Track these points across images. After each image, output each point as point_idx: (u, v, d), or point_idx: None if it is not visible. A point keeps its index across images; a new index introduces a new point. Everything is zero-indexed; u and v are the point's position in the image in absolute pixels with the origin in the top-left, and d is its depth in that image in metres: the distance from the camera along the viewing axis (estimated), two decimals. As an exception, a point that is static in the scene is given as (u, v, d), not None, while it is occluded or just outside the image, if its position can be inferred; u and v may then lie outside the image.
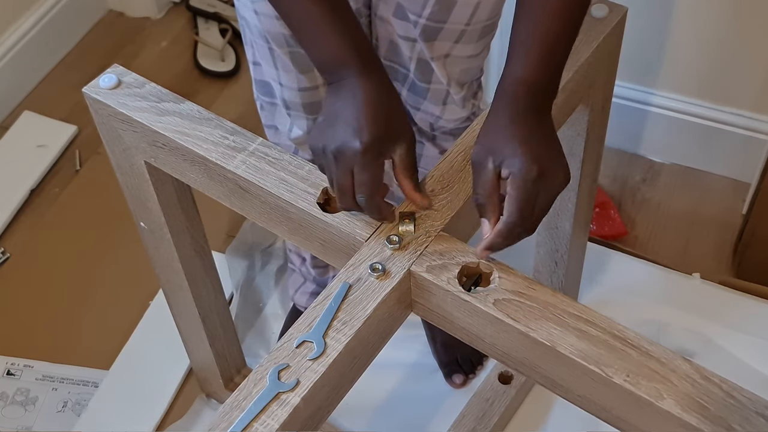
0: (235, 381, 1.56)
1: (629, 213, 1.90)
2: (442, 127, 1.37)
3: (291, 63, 1.23)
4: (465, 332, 0.91)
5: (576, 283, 1.60)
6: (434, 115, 1.32)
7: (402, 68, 1.27)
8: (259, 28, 1.21)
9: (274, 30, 1.19)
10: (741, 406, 0.78)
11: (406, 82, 1.29)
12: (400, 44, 1.23)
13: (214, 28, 2.28)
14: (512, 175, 0.85)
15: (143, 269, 1.58)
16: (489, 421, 1.50)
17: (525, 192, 0.85)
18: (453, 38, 1.20)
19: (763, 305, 1.68)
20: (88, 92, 1.08)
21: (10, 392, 1.66)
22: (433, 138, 1.39)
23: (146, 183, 1.15)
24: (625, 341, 0.83)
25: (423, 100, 1.30)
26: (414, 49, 1.22)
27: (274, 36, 1.20)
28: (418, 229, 0.92)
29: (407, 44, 1.22)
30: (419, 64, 1.24)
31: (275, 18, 1.17)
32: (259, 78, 1.32)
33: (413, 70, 1.26)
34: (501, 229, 0.87)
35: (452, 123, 1.36)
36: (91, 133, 2.06)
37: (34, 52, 2.19)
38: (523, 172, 0.84)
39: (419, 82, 1.27)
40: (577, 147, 1.25)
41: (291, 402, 0.81)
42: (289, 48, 1.21)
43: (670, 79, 1.87)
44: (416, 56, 1.23)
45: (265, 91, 1.33)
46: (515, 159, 0.85)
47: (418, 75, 1.26)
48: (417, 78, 1.27)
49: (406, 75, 1.28)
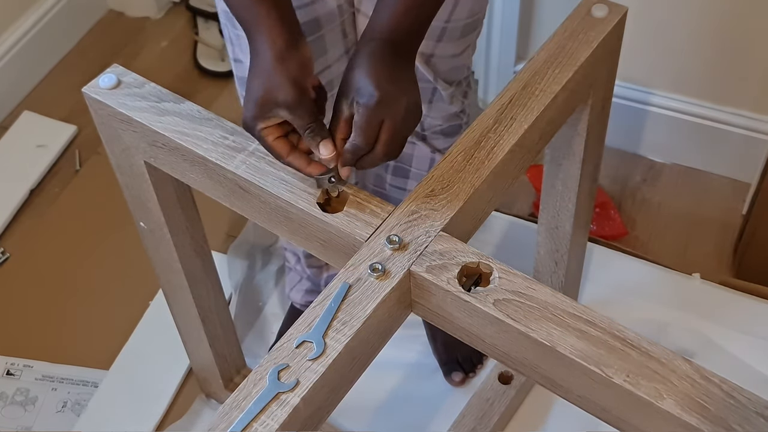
0: (234, 381, 1.56)
1: (629, 213, 1.90)
2: (432, 126, 1.37)
3: None
4: (465, 332, 0.91)
5: (576, 283, 1.59)
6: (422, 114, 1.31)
7: None
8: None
9: None
10: (741, 406, 0.78)
11: None
12: None
13: (214, 28, 2.28)
14: (358, 104, 0.90)
15: (143, 269, 1.58)
16: (489, 421, 1.50)
17: (367, 116, 0.90)
18: (434, 37, 1.21)
19: (763, 305, 1.68)
20: (87, 92, 1.08)
21: (10, 392, 1.66)
22: (424, 138, 1.39)
23: (146, 183, 1.15)
24: (625, 341, 0.82)
25: None
26: None
27: None
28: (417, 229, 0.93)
29: None
30: None
31: None
32: (241, 75, 1.32)
33: None
34: (347, 147, 0.92)
35: (441, 121, 1.35)
36: (91, 133, 2.06)
37: (34, 52, 2.19)
38: (366, 98, 0.90)
39: None
40: (577, 147, 1.25)
41: (291, 402, 0.81)
42: None
43: (670, 79, 1.87)
44: None
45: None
46: (364, 90, 0.90)
47: None
48: None
49: None
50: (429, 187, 0.96)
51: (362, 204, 0.96)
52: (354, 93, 0.91)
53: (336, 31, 1.23)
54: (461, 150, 1.00)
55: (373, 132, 0.91)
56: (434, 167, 0.99)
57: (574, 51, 1.09)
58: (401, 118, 0.92)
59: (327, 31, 1.22)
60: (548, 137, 1.12)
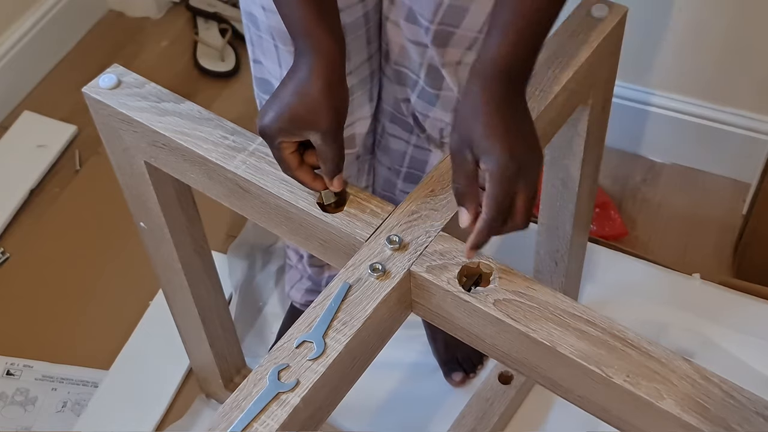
0: (234, 381, 1.56)
1: (629, 213, 1.90)
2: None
3: None
4: (465, 332, 0.91)
5: (576, 283, 1.59)
6: (444, 121, 1.31)
7: (412, 74, 1.26)
8: (266, 24, 1.21)
9: (281, 27, 1.19)
10: (741, 406, 0.78)
11: (415, 89, 1.28)
12: (410, 49, 1.22)
13: (214, 28, 2.28)
14: (490, 172, 0.85)
15: (143, 269, 1.58)
16: (489, 421, 1.50)
17: (503, 189, 0.85)
18: (465, 45, 1.19)
19: (763, 305, 1.68)
20: (88, 92, 1.08)
21: (10, 392, 1.66)
22: (442, 145, 1.38)
23: (146, 183, 1.15)
24: (625, 341, 0.83)
25: (432, 107, 1.29)
26: (425, 55, 1.21)
27: (280, 33, 1.20)
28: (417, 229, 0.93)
29: (418, 49, 1.21)
30: (430, 71, 1.23)
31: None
32: (259, 76, 1.32)
33: (423, 77, 1.25)
34: (481, 227, 0.87)
35: None
36: (91, 133, 2.06)
37: (34, 52, 2.19)
38: (501, 169, 0.84)
39: (429, 88, 1.26)
40: (577, 147, 1.25)
41: (291, 402, 0.81)
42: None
43: (670, 79, 1.87)
44: (426, 62, 1.22)
45: (266, 89, 1.33)
46: (493, 156, 0.84)
47: (428, 81, 1.25)
48: (427, 84, 1.25)
49: (416, 81, 1.27)
50: (429, 187, 0.96)
51: (362, 204, 0.96)
52: (478, 149, 0.85)
53: (361, 38, 1.23)
54: (461, 150, 1.00)
55: (509, 204, 0.86)
56: (434, 167, 0.99)
57: (574, 51, 1.09)
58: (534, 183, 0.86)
59: (352, 38, 1.21)
60: (548, 137, 1.12)
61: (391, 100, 1.34)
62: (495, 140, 0.84)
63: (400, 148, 1.40)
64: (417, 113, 1.32)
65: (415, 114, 1.32)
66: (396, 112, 1.35)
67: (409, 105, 1.32)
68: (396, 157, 1.42)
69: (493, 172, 0.84)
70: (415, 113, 1.32)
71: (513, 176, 0.84)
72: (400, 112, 1.34)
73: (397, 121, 1.37)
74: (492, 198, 0.85)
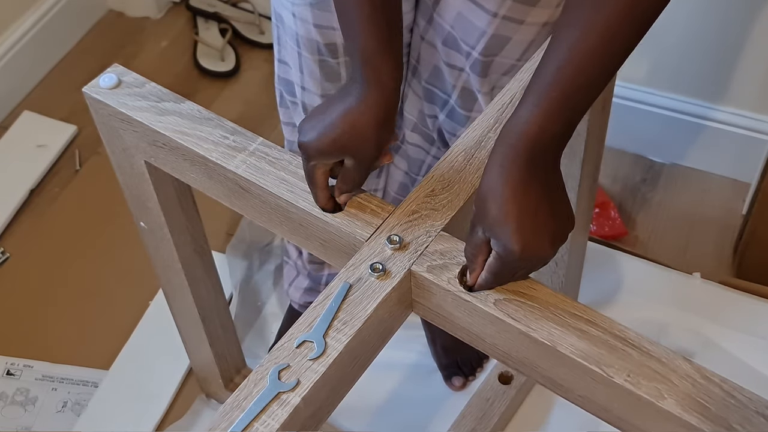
0: (235, 381, 1.56)
1: (629, 213, 1.90)
2: None
3: (319, 71, 1.22)
4: (465, 332, 0.91)
5: (576, 283, 1.59)
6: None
7: (443, 94, 1.26)
8: (293, 31, 1.20)
9: (308, 36, 1.18)
10: (741, 405, 0.78)
11: (444, 108, 1.27)
12: (444, 71, 1.21)
13: (214, 28, 2.28)
14: (496, 252, 0.83)
15: (143, 269, 1.58)
16: (489, 422, 1.50)
17: (504, 268, 0.84)
18: (501, 71, 1.18)
19: (763, 305, 1.68)
20: (88, 92, 1.08)
21: (10, 392, 1.66)
22: None
23: (146, 183, 1.15)
24: (626, 341, 0.82)
25: (461, 127, 1.28)
26: (459, 77, 1.20)
27: (306, 42, 1.19)
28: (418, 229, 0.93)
29: (453, 72, 1.20)
30: (463, 93, 1.22)
31: (312, 25, 1.16)
32: (283, 76, 1.31)
33: (455, 98, 1.24)
34: (480, 284, 0.86)
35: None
36: (91, 133, 2.06)
37: (34, 52, 2.19)
38: (506, 255, 0.82)
39: (460, 109, 1.25)
40: (577, 147, 1.25)
41: (291, 402, 0.81)
42: (320, 56, 1.20)
43: (670, 79, 1.87)
44: (461, 85, 1.21)
45: (288, 90, 1.32)
46: (500, 243, 0.81)
47: (460, 103, 1.24)
48: (458, 105, 1.25)
49: (446, 101, 1.26)
50: (429, 187, 0.96)
51: (363, 204, 0.96)
52: (489, 231, 0.82)
53: None
54: (461, 150, 1.00)
55: (510, 277, 0.85)
56: (434, 167, 0.99)
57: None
58: (537, 267, 0.85)
59: None
60: (548, 137, 1.12)
61: (416, 112, 1.33)
62: (506, 227, 0.80)
63: (419, 156, 1.40)
64: (444, 131, 1.31)
65: (441, 130, 1.31)
66: (420, 123, 1.35)
67: (436, 121, 1.31)
68: (414, 164, 1.42)
69: (499, 255, 0.83)
70: (441, 130, 1.31)
71: (517, 263, 0.83)
72: (425, 125, 1.34)
73: (418, 131, 1.36)
74: (491, 273, 0.84)
